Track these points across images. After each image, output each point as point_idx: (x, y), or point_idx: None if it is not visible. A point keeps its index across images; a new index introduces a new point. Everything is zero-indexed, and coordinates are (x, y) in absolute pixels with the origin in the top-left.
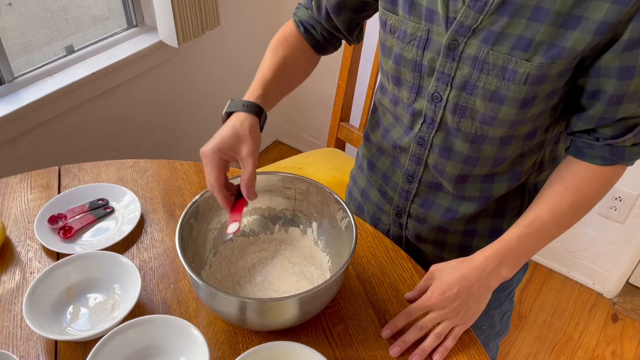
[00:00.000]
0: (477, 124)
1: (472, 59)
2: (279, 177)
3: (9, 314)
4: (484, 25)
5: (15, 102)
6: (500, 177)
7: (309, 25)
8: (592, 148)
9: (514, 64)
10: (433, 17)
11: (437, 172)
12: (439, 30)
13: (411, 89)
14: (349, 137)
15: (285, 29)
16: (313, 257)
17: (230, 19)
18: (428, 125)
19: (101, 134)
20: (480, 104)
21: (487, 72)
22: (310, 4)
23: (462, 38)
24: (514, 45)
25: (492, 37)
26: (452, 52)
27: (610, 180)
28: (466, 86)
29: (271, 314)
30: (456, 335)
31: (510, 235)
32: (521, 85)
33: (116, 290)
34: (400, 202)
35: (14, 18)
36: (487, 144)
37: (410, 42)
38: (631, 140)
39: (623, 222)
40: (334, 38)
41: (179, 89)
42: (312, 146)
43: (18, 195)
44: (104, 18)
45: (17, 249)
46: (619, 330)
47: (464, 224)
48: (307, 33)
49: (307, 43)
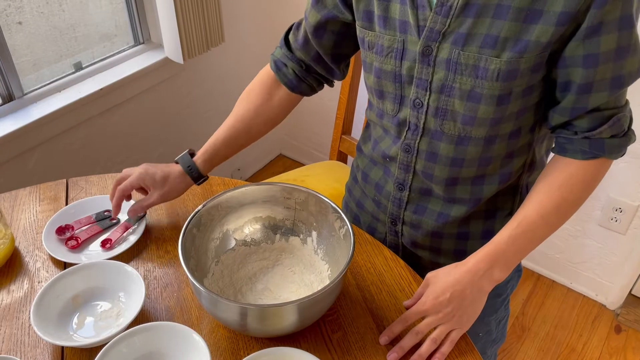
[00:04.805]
0: (459, 125)
1: (446, 62)
2: (278, 187)
3: (17, 321)
4: (452, 28)
5: (24, 118)
6: (490, 178)
7: (280, 63)
8: (571, 143)
9: (484, 62)
10: (406, 27)
11: (426, 177)
12: (412, 40)
13: (394, 99)
14: (350, 150)
15: (262, 74)
16: (313, 265)
17: (234, 35)
18: (413, 132)
19: (108, 148)
20: (459, 105)
21: (461, 73)
22: (282, 41)
23: (434, 43)
24: (482, 43)
25: (461, 39)
26: (427, 58)
27: (594, 176)
28: (444, 89)
29: (271, 320)
30: (453, 340)
31: (501, 237)
32: (494, 82)
33: (121, 298)
34: (393, 210)
35: (24, 36)
36: (471, 145)
37: (388, 55)
38: (607, 131)
39: (624, 233)
40: (308, 75)
41: (184, 104)
42: (315, 159)
43: (27, 207)
44: (111, 36)
45: (25, 259)
46: (622, 341)
47: (456, 227)
48: (279, 71)
49: (280, 82)
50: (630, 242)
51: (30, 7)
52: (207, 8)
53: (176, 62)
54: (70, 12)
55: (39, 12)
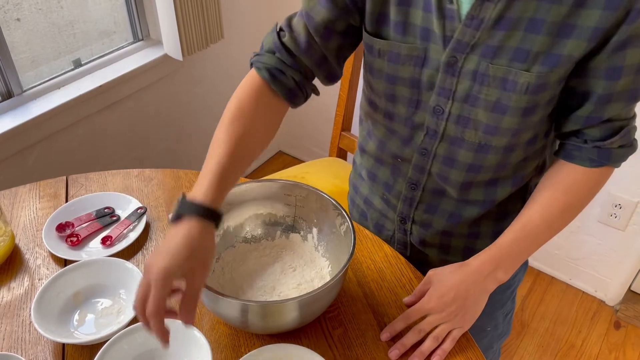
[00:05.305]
0: (480, 134)
1: (472, 73)
2: (278, 184)
3: (18, 318)
4: (481, 40)
5: (24, 115)
6: (504, 181)
7: (277, 71)
8: (580, 150)
9: (513, 75)
10: (429, 36)
11: (441, 179)
12: (436, 49)
13: (409, 104)
14: (350, 146)
15: (245, 88)
16: (313, 262)
17: (234, 32)
18: (431, 137)
19: (108, 145)
20: (483, 115)
21: (487, 85)
22: (279, 46)
23: (461, 54)
24: (513, 57)
25: (491, 51)
26: (452, 68)
27: (598, 182)
28: (468, 98)
29: (272, 317)
30: (454, 338)
31: (505, 239)
32: (522, 95)
33: (122, 295)
34: (404, 209)
35: (22, 33)
36: (491, 153)
37: (406, 63)
38: (618, 142)
39: (624, 230)
40: (306, 83)
41: (183, 100)
42: (314, 156)
43: (27, 204)
44: (110, 32)
45: (25, 256)
46: (622, 337)
47: (467, 227)
48: (275, 81)
49: (277, 93)
50: (629, 239)
51: (29, 4)
52: (206, 4)
53: (175, 58)
54: (69, 9)
55: (37, 8)
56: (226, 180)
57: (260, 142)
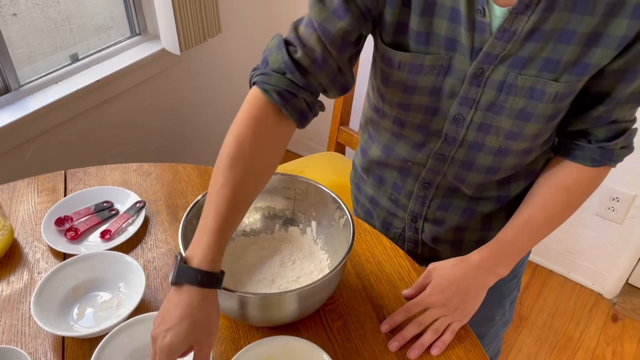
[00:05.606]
0: (502, 139)
1: (498, 83)
2: (278, 177)
3: (17, 312)
4: (512, 52)
5: (21, 110)
6: (517, 177)
7: (288, 94)
8: (583, 150)
9: (542, 84)
10: (454, 46)
11: (457, 180)
12: (461, 59)
13: (425, 111)
14: (348, 141)
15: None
16: (313, 255)
17: (231, 26)
18: (449, 144)
19: (105, 140)
20: (507, 122)
21: (514, 94)
22: (290, 64)
23: (488, 66)
24: (542, 67)
25: (520, 62)
26: (477, 79)
27: (596, 181)
28: (492, 107)
29: (272, 309)
30: (453, 330)
31: (506, 235)
32: (549, 104)
33: (121, 288)
34: (415, 207)
35: (19, 28)
36: (510, 156)
37: (428, 73)
38: (621, 143)
39: (621, 223)
40: (316, 103)
41: (181, 95)
42: (312, 151)
43: (25, 198)
44: (107, 27)
45: (24, 250)
46: (619, 330)
47: (480, 222)
48: (287, 104)
49: (289, 116)
50: (626, 232)
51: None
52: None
53: (173, 53)
54: (65, 4)
55: (33, 3)
56: (226, 233)
57: (263, 180)
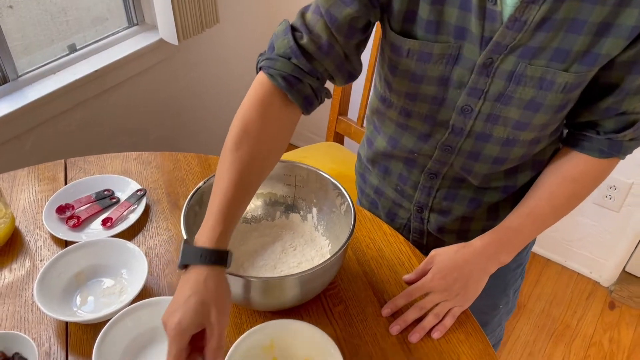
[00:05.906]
0: (509, 130)
1: (508, 73)
2: (278, 164)
3: (20, 299)
4: (522, 42)
5: (20, 100)
6: (524, 167)
7: (293, 79)
8: (591, 141)
9: (551, 74)
10: (464, 34)
11: (464, 171)
12: (471, 48)
13: (432, 101)
14: (347, 131)
15: (251, 101)
16: (314, 241)
17: (229, 16)
18: (456, 134)
19: (104, 130)
20: (515, 113)
21: (523, 84)
22: (296, 49)
23: (498, 56)
24: (552, 57)
25: (530, 52)
26: (486, 69)
27: (604, 172)
28: (500, 97)
29: (274, 293)
30: (454, 315)
31: (510, 223)
32: (558, 94)
33: (124, 275)
34: (421, 198)
35: (15, 20)
36: (517, 147)
37: (437, 62)
38: (630, 135)
39: (618, 211)
40: (322, 89)
41: (179, 85)
42: (310, 142)
43: (26, 187)
44: (103, 19)
45: (26, 238)
46: (616, 317)
47: (487, 212)
48: (292, 89)
49: (294, 101)
50: (623, 220)
51: None
52: None
53: (171, 43)
54: None
55: None
56: (233, 214)
57: (269, 163)
